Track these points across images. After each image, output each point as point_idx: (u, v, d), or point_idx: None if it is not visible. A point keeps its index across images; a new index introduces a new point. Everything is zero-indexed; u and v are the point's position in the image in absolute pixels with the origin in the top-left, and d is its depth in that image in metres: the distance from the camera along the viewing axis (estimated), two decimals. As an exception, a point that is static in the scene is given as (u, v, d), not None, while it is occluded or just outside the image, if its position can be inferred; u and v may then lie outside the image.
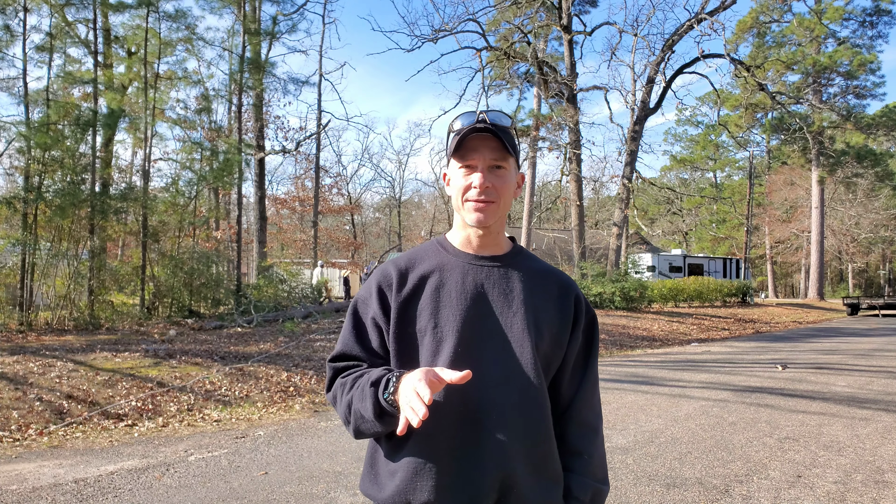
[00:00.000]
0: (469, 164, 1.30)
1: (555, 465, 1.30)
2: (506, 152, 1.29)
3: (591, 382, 1.39)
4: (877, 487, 4.14)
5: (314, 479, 4.28)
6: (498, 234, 1.37)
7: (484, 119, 1.30)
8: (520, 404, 1.25)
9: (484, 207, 1.29)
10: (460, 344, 1.26)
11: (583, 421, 1.36)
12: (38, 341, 8.53)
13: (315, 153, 24.98)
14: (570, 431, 1.35)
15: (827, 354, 12.16)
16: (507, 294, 1.32)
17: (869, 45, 32.65)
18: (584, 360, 1.39)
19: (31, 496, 3.92)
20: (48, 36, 11.39)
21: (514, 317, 1.30)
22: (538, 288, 1.35)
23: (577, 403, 1.36)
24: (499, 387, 1.25)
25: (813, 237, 35.82)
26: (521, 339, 1.28)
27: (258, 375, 7.81)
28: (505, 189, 1.31)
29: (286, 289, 14.73)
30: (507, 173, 1.31)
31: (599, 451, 1.38)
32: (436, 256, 1.37)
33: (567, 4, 21.54)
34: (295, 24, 18.74)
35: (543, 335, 1.31)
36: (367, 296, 1.36)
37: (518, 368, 1.27)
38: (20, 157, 10.88)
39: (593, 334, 1.41)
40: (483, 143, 1.29)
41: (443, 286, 1.32)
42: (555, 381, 1.36)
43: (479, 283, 1.32)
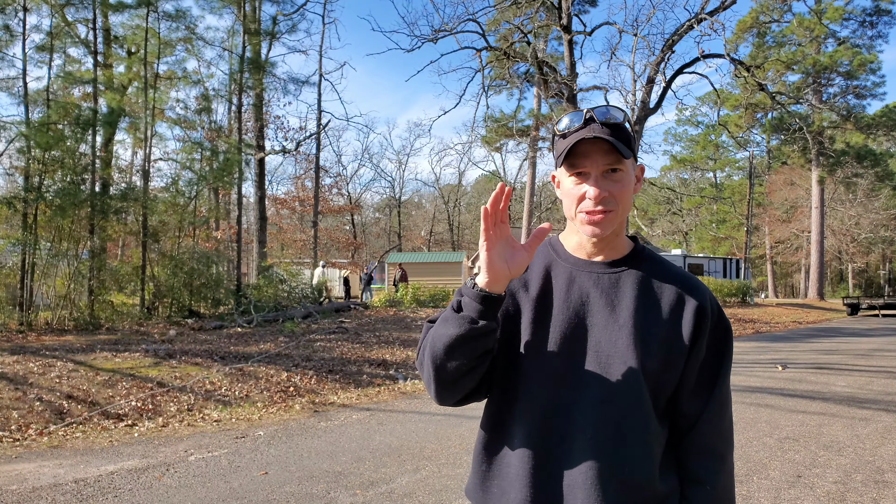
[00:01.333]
0: (580, 172, 1.17)
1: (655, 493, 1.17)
2: (620, 155, 1.16)
3: (720, 403, 1.22)
4: (877, 487, 4.14)
5: (314, 479, 4.28)
6: (616, 237, 1.24)
7: (592, 118, 1.17)
8: (615, 427, 1.14)
9: (600, 220, 1.16)
10: (556, 357, 1.17)
11: (705, 446, 1.21)
12: (38, 341, 8.53)
13: (315, 153, 25.00)
14: (689, 457, 1.21)
15: (827, 354, 12.16)
16: (615, 304, 1.19)
17: (869, 45, 32.65)
18: (710, 376, 1.22)
19: (31, 496, 3.92)
20: (48, 36, 11.40)
21: (620, 331, 1.17)
22: (653, 296, 1.21)
23: (701, 426, 1.21)
24: (594, 407, 1.15)
25: (813, 237, 35.83)
26: (625, 357, 1.15)
27: (258, 375, 7.80)
28: (623, 194, 1.17)
29: (286, 289, 14.73)
30: (624, 175, 1.17)
31: (724, 482, 1.21)
32: (544, 258, 1.27)
33: (567, 4, 21.54)
34: (295, 24, 18.76)
35: (653, 351, 1.16)
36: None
37: (619, 388, 1.15)
38: (20, 158, 10.88)
39: (724, 349, 1.23)
40: (593, 146, 1.15)
41: (547, 291, 1.22)
42: (674, 401, 1.22)
43: (585, 291, 1.20)
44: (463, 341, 1.10)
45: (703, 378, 1.22)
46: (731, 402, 1.26)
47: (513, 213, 49.08)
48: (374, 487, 4.09)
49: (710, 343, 1.22)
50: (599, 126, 1.16)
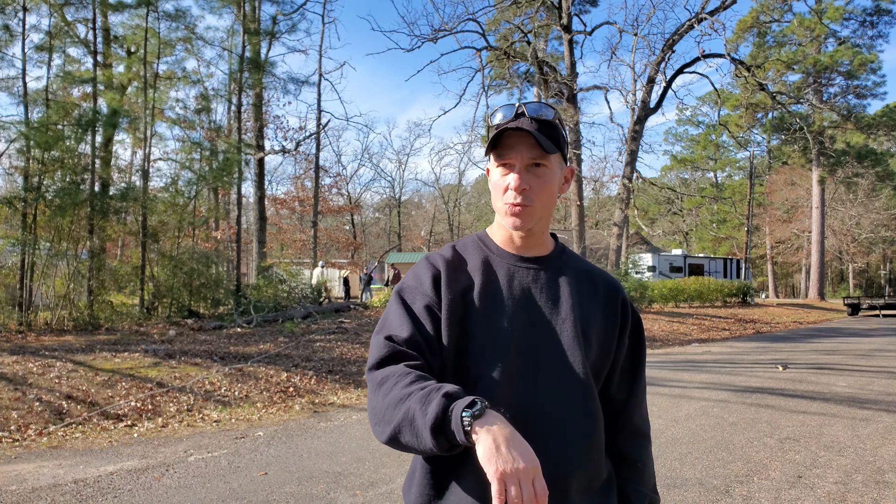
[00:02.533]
0: (506, 163, 1.21)
1: (603, 476, 1.24)
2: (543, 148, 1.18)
3: (641, 388, 1.33)
4: (877, 488, 4.13)
5: (314, 479, 4.27)
6: (542, 233, 1.28)
7: (523, 113, 1.20)
8: (576, 417, 1.18)
9: (520, 212, 1.20)
10: (512, 352, 1.18)
11: (635, 428, 1.31)
12: (37, 341, 8.52)
13: (315, 153, 24.98)
14: (622, 439, 1.30)
15: (827, 355, 12.15)
16: (555, 300, 1.23)
17: (869, 45, 32.65)
18: (632, 365, 1.32)
19: (31, 496, 3.91)
20: (47, 35, 11.39)
21: (564, 324, 1.21)
22: (585, 291, 1.27)
23: (628, 410, 1.31)
24: (554, 399, 1.18)
25: (813, 237, 35.81)
26: (573, 349, 1.20)
27: (258, 376, 7.80)
28: (544, 190, 1.20)
29: (286, 289, 14.72)
30: (547, 172, 1.21)
31: (650, 459, 1.34)
32: (478, 253, 1.28)
33: (567, 4, 21.53)
34: (295, 24, 18.71)
35: (591, 342, 1.23)
36: (418, 284, 1.23)
37: (572, 379, 1.19)
38: (20, 158, 10.87)
39: (641, 338, 1.33)
40: (520, 140, 1.19)
41: (490, 287, 1.23)
42: (604, 388, 1.29)
43: (527, 287, 1.23)
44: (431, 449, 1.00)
45: (627, 366, 1.32)
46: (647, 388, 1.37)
47: (513, 213, 49.06)
48: (374, 487, 4.08)
49: (631, 334, 1.32)
50: (529, 120, 1.20)
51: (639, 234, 39.62)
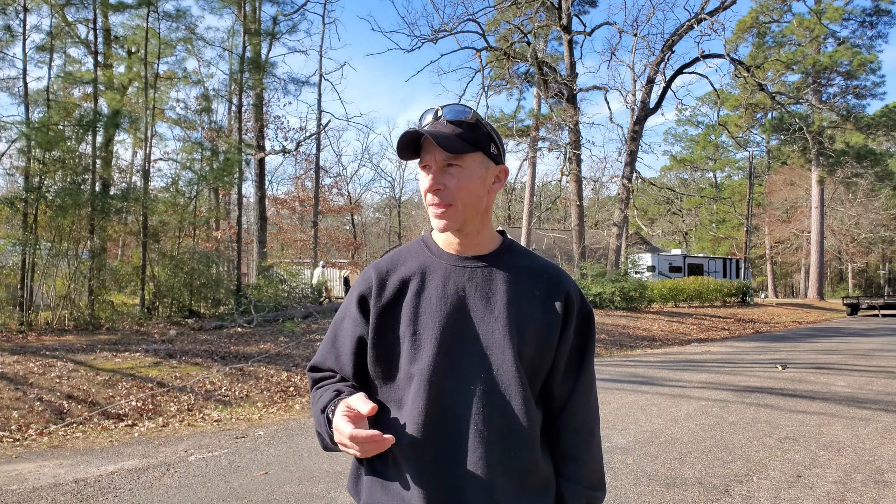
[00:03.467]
0: (425, 165, 1.23)
1: (541, 475, 1.24)
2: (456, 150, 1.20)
3: (587, 384, 1.30)
4: (877, 487, 4.14)
5: (314, 479, 4.29)
6: (479, 233, 1.28)
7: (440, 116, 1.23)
8: (501, 415, 1.19)
9: (442, 213, 1.22)
10: (439, 353, 1.20)
11: (577, 425, 1.29)
12: (38, 341, 8.53)
13: (315, 153, 24.99)
14: (563, 436, 1.28)
15: (827, 354, 12.16)
16: (490, 298, 1.24)
17: (869, 45, 32.67)
18: (577, 360, 1.30)
19: (31, 496, 3.93)
20: (48, 36, 11.40)
21: (496, 322, 1.22)
22: (524, 288, 1.27)
23: (571, 406, 1.28)
24: (478, 398, 1.19)
25: (813, 237, 35.83)
26: (502, 347, 1.20)
27: (258, 375, 7.81)
28: (461, 189, 1.21)
29: (286, 289, 14.72)
30: (462, 171, 1.21)
31: (595, 456, 1.30)
32: (419, 257, 1.31)
33: (567, 4, 21.53)
34: (295, 25, 18.72)
35: (527, 339, 1.22)
36: (349, 303, 1.32)
37: (499, 377, 1.20)
38: (21, 158, 10.87)
39: (588, 333, 1.32)
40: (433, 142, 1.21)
41: (423, 290, 1.25)
42: (546, 385, 1.28)
43: (461, 286, 1.25)
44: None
45: (572, 362, 1.30)
46: (595, 382, 1.35)
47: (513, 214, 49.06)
48: (374, 487, 4.09)
49: (577, 329, 1.30)
50: (444, 122, 1.22)
51: (638, 234, 39.61)
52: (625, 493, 3.98)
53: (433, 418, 1.18)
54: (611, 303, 18.94)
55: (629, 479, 4.28)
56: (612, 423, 6.01)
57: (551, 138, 25.02)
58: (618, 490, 4.04)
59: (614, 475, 4.35)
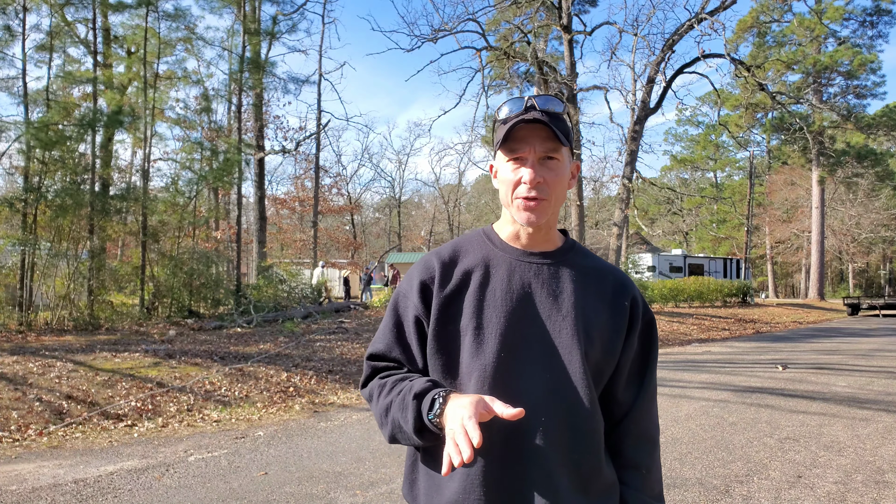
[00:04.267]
0: (518, 157, 1.19)
1: (604, 480, 1.20)
2: (558, 142, 1.17)
3: (650, 391, 1.28)
4: (877, 488, 4.13)
5: (314, 479, 4.28)
6: (550, 229, 1.26)
7: (533, 105, 1.18)
8: (566, 417, 1.16)
9: (535, 206, 1.18)
10: (503, 349, 1.16)
11: (641, 433, 1.26)
12: (37, 341, 8.53)
13: (315, 153, 25.00)
14: (626, 443, 1.26)
15: (827, 355, 12.15)
16: (557, 296, 1.21)
17: (869, 45, 32.66)
18: (641, 367, 1.28)
19: (31, 496, 3.92)
20: (48, 35, 11.40)
21: (563, 321, 1.18)
22: (591, 289, 1.24)
23: (635, 413, 1.26)
24: (544, 398, 1.15)
25: (813, 237, 35.81)
26: (570, 347, 1.17)
27: (258, 376, 7.80)
28: (558, 183, 1.19)
29: (286, 289, 14.73)
30: (560, 165, 1.19)
31: (657, 466, 1.28)
32: (481, 249, 1.26)
33: (567, 4, 21.53)
34: (295, 24, 18.76)
35: (594, 342, 1.19)
36: (408, 290, 1.26)
37: (565, 378, 1.16)
38: (22, 157, 10.86)
39: (652, 340, 1.29)
40: (533, 132, 1.17)
41: (487, 283, 1.21)
42: (609, 390, 1.25)
43: (527, 282, 1.21)
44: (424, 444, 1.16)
45: (636, 368, 1.27)
46: (657, 391, 1.33)
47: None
48: (374, 487, 4.08)
49: (641, 335, 1.27)
50: (539, 113, 1.18)
51: (639, 234, 39.62)
52: (625, 494, 3.97)
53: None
54: (611, 303, 18.89)
55: (629, 479, 4.27)
56: (612, 423, 5.99)
57: (551, 138, 24.98)
58: (618, 490, 4.03)
59: (614, 476, 4.34)
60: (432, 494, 1.19)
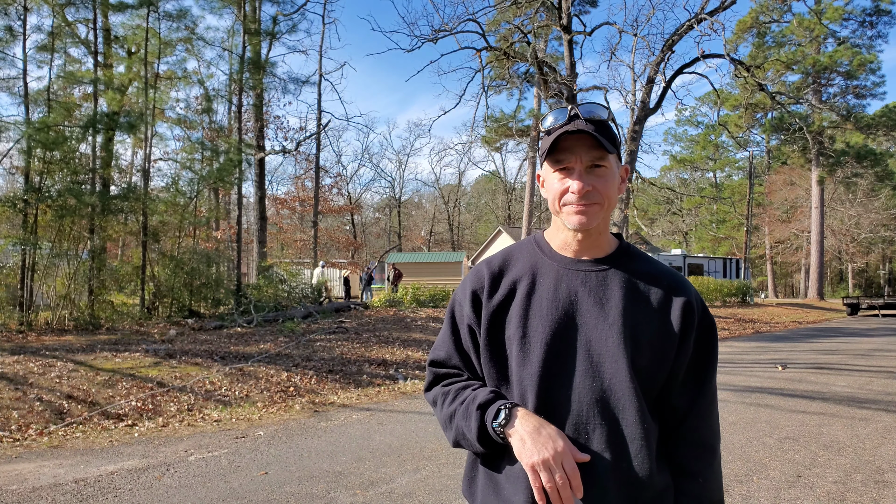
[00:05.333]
0: (565, 167, 1.19)
1: (656, 489, 1.18)
2: (604, 150, 1.18)
3: (708, 397, 1.25)
4: (877, 487, 4.14)
5: (314, 479, 4.28)
6: (601, 235, 1.25)
7: (577, 115, 1.20)
8: (613, 425, 1.15)
9: (586, 210, 1.18)
10: (549, 358, 1.17)
11: (698, 440, 1.23)
12: (38, 341, 8.53)
13: (315, 153, 25.02)
14: (682, 451, 1.22)
15: (827, 354, 12.16)
16: (604, 303, 1.20)
17: (869, 45, 32.65)
18: (698, 372, 1.24)
19: (31, 496, 3.92)
20: (49, 36, 11.40)
21: (610, 329, 1.17)
22: (641, 294, 1.22)
23: (691, 420, 1.23)
24: (590, 406, 1.15)
25: (813, 237, 35.82)
26: (616, 356, 1.16)
27: (258, 375, 7.81)
28: (608, 189, 1.19)
29: (286, 289, 14.73)
30: (608, 171, 1.20)
31: (716, 474, 1.24)
32: (530, 257, 1.28)
33: (567, 4, 21.54)
34: (295, 24, 18.77)
35: (642, 349, 1.18)
36: (462, 298, 1.29)
37: (612, 386, 1.16)
38: (26, 158, 10.86)
39: (710, 345, 1.26)
40: (578, 142, 1.18)
41: (534, 292, 1.22)
42: (664, 396, 1.23)
43: (574, 290, 1.21)
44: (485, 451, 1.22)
45: (692, 374, 1.24)
46: (717, 397, 1.29)
47: (513, 214, 49.05)
48: (374, 487, 4.09)
49: (697, 339, 1.24)
50: (584, 122, 1.19)
51: (638, 234, 39.61)
52: (625, 493, 3.97)
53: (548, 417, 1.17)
54: (611, 303, 18.92)
55: (629, 479, 4.28)
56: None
57: (551, 138, 25.01)
58: (618, 490, 4.04)
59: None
60: (490, 495, 1.22)
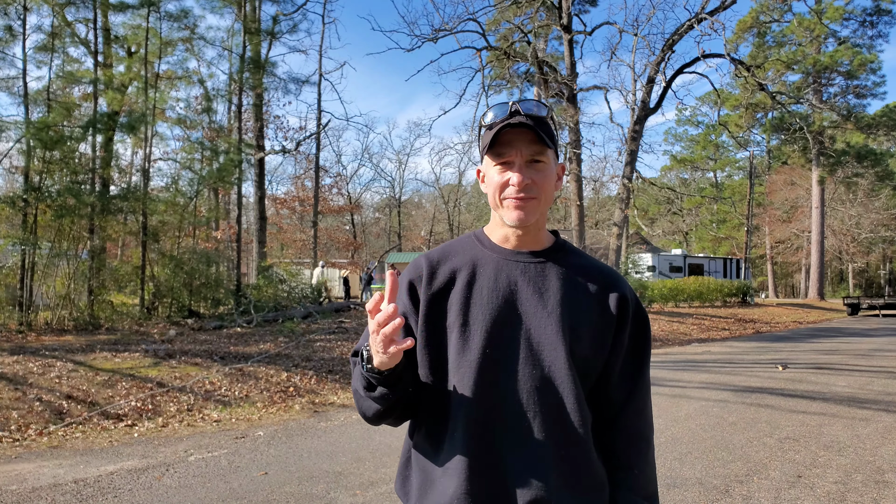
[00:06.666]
0: (505, 161, 1.21)
1: (593, 477, 1.20)
2: (544, 145, 1.20)
3: (643, 390, 1.27)
4: (877, 487, 4.13)
5: (314, 479, 4.28)
6: (539, 230, 1.27)
7: (517, 110, 1.21)
8: (552, 412, 1.16)
9: (524, 204, 1.20)
10: (488, 345, 1.18)
11: (633, 432, 1.25)
12: (37, 341, 8.53)
13: (315, 153, 25.00)
14: (618, 443, 1.24)
15: (827, 354, 12.15)
16: (543, 293, 1.22)
17: (869, 45, 32.65)
18: (633, 365, 1.27)
19: (31, 496, 3.92)
20: (48, 36, 11.39)
21: (549, 318, 1.19)
22: (579, 286, 1.24)
23: (627, 412, 1.25)
24: (530, 392, 1.17)
25: (813, 237, 35.81)
26: (555, 344, 1.18)
27: (258, 376, 7.80)
28: (546, 184, 1.21)
29: (286, 289, 14.73)
30: (546, 167, 1.21)
31: (650, 465, 1.27)
32: (470, 250, 1.29)
33: (567, 4, 21.53)
34: (295, 24, 18.73)
35: (581, 338, 1.20)
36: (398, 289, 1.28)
37: (551, 374, 1.17)
38: (21, 158, 10.86)
39: (644, 338, 1.29)
40: (519, 136, 1.19)
41: (475, 282, 1.23)
42: (600, 389, 1.25)
43: (514, 280, 1.23)
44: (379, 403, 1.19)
45: (628, 367, 1.27)
46: (650, 389, 1.31)
47: (513, 213, 49.02)
48: (374, 487, 4.09)
49: (632, 333, 1.27)
50: (524, 117, 1.20)
51: (639, 234, 39.60)
52: (625, 494, 3.97)
53: (483, 411, 1.16)
54: (611, 303, 18.88)
55: (629, 479, 4.27)
56: (612, 423, 5.99)
57: (551, 138, 25.00)
58: (618, 490, 4.03)
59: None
60: (425, 491, 1.21)
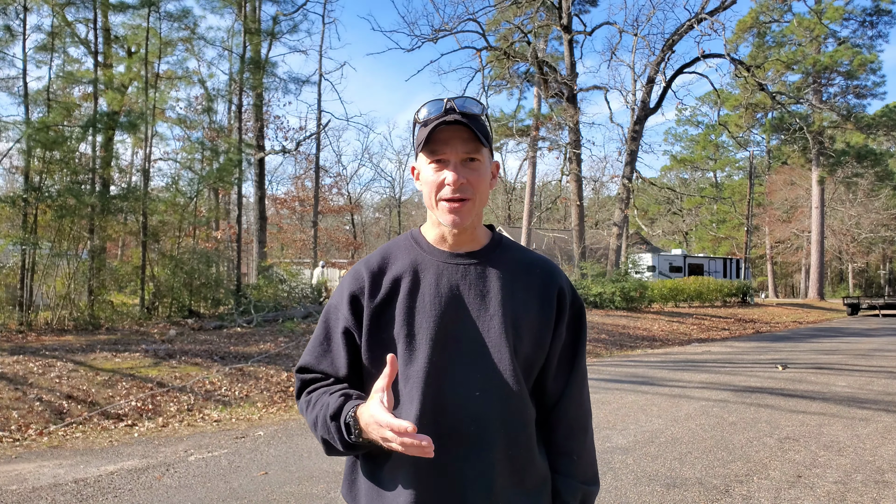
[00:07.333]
0: (440, 159, 1.19)
1: (537, 471, 1.23)
2: (479, 143, 1.19)
3: (579, 379, 1.30)
4: (877, 487, 4.14)
5: (314, 479, 4.28)
6: (475, 229, 1.27)
7: (453, 108, 1.20)
8: (499, 415, 1.18)
9: (459, 208, 1.19)
10: (435, 353, 1.18)
11: (571, 421, 1.28)
12: (37, 341, 8.53)
13: (315, 153, 25.00)
14: (557, 432, 1.28)
15: (827, 354, 12.16)
16: (484, 295, 1.22)
17: (869, 45, 32.65)
18: (570, 356, 1.29)
19: (31, 496, 3.92)
20: (48, 36, 11.39)
21: (492, 320, 1.21)
22: (519, 284, 1.25)
23: (565, 402, 1.28)
24: (476, 397, 1.18)
25: (813, 237, 35.81)
26: (499, 345, 1.19)
27: (258, 375, 7.81)
28: (480, 183, 1.21)
29: (286, 289, 14.72)
30: (481, 166, 1.21)
31: (589, 451, 1.31)
32: (409, 253, 1.27)
33: (567, 4, 21.53)
34: (295, 24, 18.69)
35: (523, 337, 1.22)
36: (339, 302, 1.27)
37: (496, 376, 1.18)
38: (21, 158, 10.86)
39: (580, 328, 1.31)
40: (454, 134, 1.18)
41: (417, 289, 1.23)
42: (539, 381, 1.27)
43: (455, 284, 1.23)
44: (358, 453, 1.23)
45: (564, 357, 1.29)
46: (587, 377, 1.35)
47: (513, 214, 49.03)
48: (374, 487, 4.08)
49: (569, 324, 1.29)
50: (459, 114, 1.19)
51: (639, 234, 39.59)
52: (625, 494, 3.97)
53: (431, 419, 1.17)
54: (611, 303, 18.93)
55: (629, 479, 4.28)
56: (612, 423, 6.00)
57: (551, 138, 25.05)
58: (618, 490, 4.04)
59: (614, 475, 4.34)
60: (373, 495, 1.22)
